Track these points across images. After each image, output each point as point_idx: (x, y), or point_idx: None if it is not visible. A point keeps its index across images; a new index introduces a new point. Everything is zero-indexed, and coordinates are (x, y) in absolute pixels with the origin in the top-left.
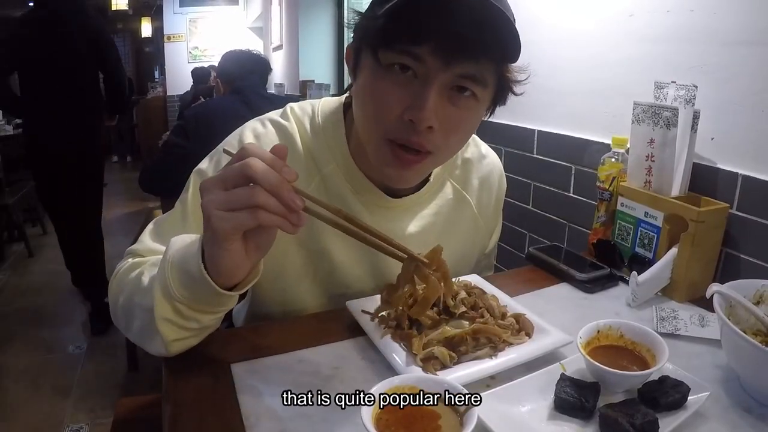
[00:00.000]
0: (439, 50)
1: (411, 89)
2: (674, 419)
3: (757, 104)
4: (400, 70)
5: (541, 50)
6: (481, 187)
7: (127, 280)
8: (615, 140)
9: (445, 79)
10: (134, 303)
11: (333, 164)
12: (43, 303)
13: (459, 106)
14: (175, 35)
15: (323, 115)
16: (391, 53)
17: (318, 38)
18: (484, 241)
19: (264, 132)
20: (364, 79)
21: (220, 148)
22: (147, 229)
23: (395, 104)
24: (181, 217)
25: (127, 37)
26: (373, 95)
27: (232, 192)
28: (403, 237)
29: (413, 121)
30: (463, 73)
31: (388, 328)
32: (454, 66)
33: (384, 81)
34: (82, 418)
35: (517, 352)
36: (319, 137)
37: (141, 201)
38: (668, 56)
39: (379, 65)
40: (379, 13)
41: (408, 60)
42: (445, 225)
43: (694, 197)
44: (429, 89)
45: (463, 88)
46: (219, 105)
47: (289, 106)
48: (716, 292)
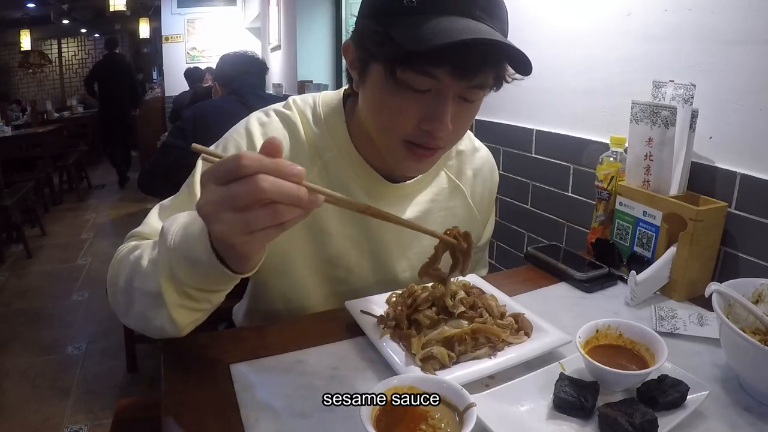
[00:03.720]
0: (456, 70)
1: (427, 102)
2: (673, 418)
3: (756, 103)
4: (417, 90)
5: (539, 50)
6: (474, 178)
7: (127, 261)
8: (613, 139)
9: (457, 91)
10: (133, 287)
11: (334, 150)
12: (42, 304)
13: (466, 105)
14: (173, 36)
15: (324, 105)
16: (410, 72)
17: (316, 39)
18: (478, 231)
19: (268, 121)
20: (377, 91)
21: (225, 136)
22: (152, 211)
23: (412, 117)
24: (188, 198)
25: (125, 38)
26: (390, 109)
27: (251, 214)
28: None
29: (431, 132)
30: (474, 84)
31: (387, 328)
32: (467, 80)
33: (400, 97)
34: (81, 419)
35: (516, 352)
36: (320, 126)
37: (139, 202)
38: (666, 55)
39: (395, 81)
40: (397, 38)
41: (426, 80)
42: (441, 211)
43: (692, 196)
44: (446, 103)
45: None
46: (217, 106)
47: (291, 99)
48: (715, 291)
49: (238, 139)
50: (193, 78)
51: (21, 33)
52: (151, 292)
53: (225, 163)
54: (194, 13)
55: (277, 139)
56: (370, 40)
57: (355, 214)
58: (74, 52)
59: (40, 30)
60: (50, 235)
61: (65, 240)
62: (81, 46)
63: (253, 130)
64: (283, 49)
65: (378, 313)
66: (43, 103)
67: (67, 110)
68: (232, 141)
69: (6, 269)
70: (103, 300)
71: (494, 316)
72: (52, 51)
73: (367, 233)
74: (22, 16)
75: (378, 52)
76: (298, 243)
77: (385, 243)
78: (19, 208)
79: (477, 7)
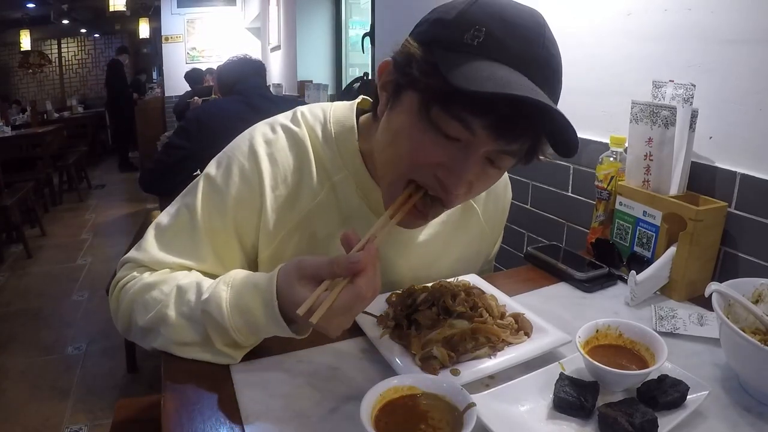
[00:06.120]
0: (495, 126)
1: (452, 151)
2: (673, 418)
3: (756, 103)
4: (446, 136)
5: None
6: (487, 195)
7: (142, 302)
8: (613, 139)
9: (488, 151)
10: (159, 332)
11: (344, 172)
12: (42, 304)
13: (491, 171)
14: (173, 36)
15: (335, 121)
16: (444, 115)
17: (316, 39)
18: (489, 248)
19: (274, 138)
20: (404, 123)
21: (228, 153)
22: (149, 235)
23: (432, 160)
24: (189, 226)
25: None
26: (410, 144)
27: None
28: (412, 245)
29: (444, 183)
30: (509, 149)
31: (387, 328)
32: (500, 142)
33: (425, 135)
34: (81, 419)
35: (516, 352)
36: (331, 145)
37: (139, 202)
38: (666, 55)
39: (427, 117)
40: (446, 72)
41: (459, 128)
42: (452, 233)
43: (692, 196)
44: (470, 160)
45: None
46: (221, 106)
47: (300, 111)
48: (715, 291)
49: (242, 160)
50: (194, 79)
51: (21, 33)
52: (182, 342)
53: (349, 301)
54: (194, 13)
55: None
56: (416, 66)
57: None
58: (74, 53)
59: (40, 30)
60: (50, 235)
61: (65, 240)
62: (81, 46)
63: (259, 150)
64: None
65: (378, 313)
66: (43, 103)
67: (67, 110)
68: (236, 161)
69: (6, 269)
70: (103, 300)
71: (494, 316)
72: (52, 51)
73: None
74: (22, 16)
75: (419, 82)
76: (300, 245)
77: (398, 267)
78: (19, 208)
79: (539, 69)
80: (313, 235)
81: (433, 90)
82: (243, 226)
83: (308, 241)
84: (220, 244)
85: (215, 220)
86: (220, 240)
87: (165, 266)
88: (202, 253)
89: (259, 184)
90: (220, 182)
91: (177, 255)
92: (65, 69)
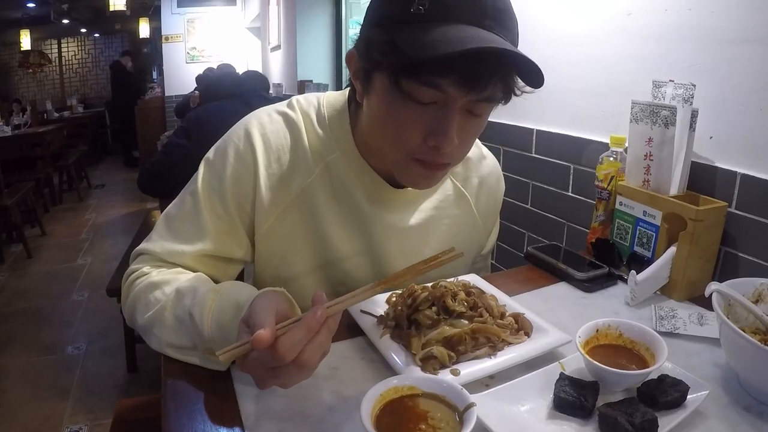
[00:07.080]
0: (463, 81)
1: (432, 115)
2: (673, 418)
3: (756, 102)
4: (422, 103)
5: (538, 50)
6: (480, 186)
7: (144, 300)
8: (613, 139)
9: (464, 104)
10: (153, 333)
11: (337, 153)
12: (42, 304)
13: (473, 118)
14: (173, 36)
15: (329, 106)
16: (414, 83)
17: (316, 38)
18: (482, 240)
19: (268, 121)
20: (382, 104)
21: (225, 138)
22: (158, 225)
23: (418, 131)
24: (193, 210)
25: (125, 38)
26: (395, 123)
27: (292, 379)
28: (404, 228)
29: (437, 147)
30: (482, 97)
31: (387, 328)
32: (474, 92)
33: (404, 110)
34: (81, 419)
35: (516, 352)
36: (324, 128)
37: (139, 202)
38: (666, 55)
39: (399, 92)
40: (402, 45)
41: (431, 92)
42: (445, 220)
43: (692, 196)
44: (451, 117)
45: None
46: (221, 107)
47: (295, 98)
48: (715, 291)
49: (237, 141)
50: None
51: (21, 33)
52: (175, 345)
53: (261, 361)
54: (194, 13)
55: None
56: (375, 48)
57: (357, 220)
58: (74, 52)
59: (40, 30)
60: (50, 235)
61: (65, 240)
62: (81, 46)
63: (253, 132)
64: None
65: (378, 313)
66: (43, 103)
67: (67, 110)
68: (231, 144)
69: (6, 269)
70: (103, 300)
71: (494, 316)
72: (52, 51)
73: (369, 239)
74: (22, 16)
75: (383, 62)
76: (299, 245)
77: (388, 249)
78: (19, 208)
79: (487, 16)
80: (307, 213)
81: (397, 65)
82: (240, 203)
83: (302, 219)
84: (222, 223)
85: (215, 200)
86: (222, 219)
87: (175, 254)
88: (208, 235)
89: (254, 163)
90: (217, 164)
91: (185, 242)
92: (65, 69)
